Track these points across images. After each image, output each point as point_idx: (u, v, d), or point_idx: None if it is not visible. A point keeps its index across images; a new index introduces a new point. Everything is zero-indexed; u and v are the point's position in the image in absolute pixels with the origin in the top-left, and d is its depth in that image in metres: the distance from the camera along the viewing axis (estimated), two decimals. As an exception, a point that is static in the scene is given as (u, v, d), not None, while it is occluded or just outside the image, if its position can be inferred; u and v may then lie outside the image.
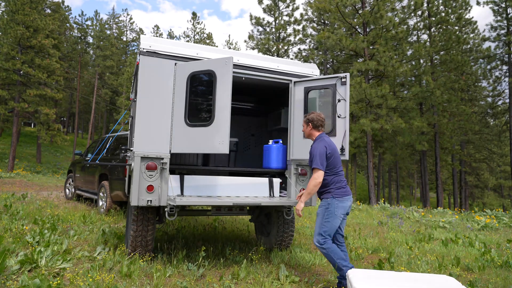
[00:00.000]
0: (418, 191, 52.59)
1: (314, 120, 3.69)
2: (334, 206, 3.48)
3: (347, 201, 3.54)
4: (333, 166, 3.54)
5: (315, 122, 3.69)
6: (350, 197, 3.57)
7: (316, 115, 3.71)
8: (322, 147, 3.51)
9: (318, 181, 3.47)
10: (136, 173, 3.79)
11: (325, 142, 3.57)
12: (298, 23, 26.73)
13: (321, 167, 3.45)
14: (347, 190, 3.58)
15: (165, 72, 3.95)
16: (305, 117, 3.78)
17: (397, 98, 19.98)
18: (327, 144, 3.56)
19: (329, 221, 3.47)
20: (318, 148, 3.51)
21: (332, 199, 3.49)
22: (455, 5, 23.53)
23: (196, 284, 3.59)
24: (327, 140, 3.61)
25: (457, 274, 4.37)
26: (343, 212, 3.52)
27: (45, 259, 3.77)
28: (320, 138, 3.66)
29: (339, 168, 3.60)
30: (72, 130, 51.66)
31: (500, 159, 31.26)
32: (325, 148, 3.50)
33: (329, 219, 3.47)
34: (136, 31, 49.50)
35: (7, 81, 24.57)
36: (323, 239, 3.46)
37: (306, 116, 3.78)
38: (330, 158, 3.52)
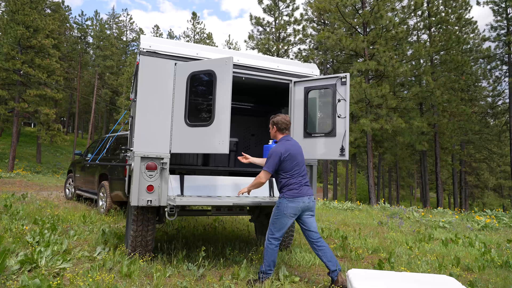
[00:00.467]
0: (418, 191, 52.60)
1: (279, 123, 3.79)
2: (284, 205, 3.59)
3: (299, 202, 3.59)
4: (288, 169, 3.62)
5: (280, 125, 3.79)
6: (303, 198, 3.61)
7: (281, 118, 3.80)
8: (279, 151, 3.60)
9: (260, 181, 3.65)
10: (136, 173, 3.79)
11: (284, 146, 3.64)
12: (298, 23, 26.73)
13: (270, 170, 3.58)
14: (301, 191, 3.63)
15: (165, 72, 3.95)
16: (271, 118, 3.85)
17: (397, 98, 19.98)
18: (286, 148, 3.63)
19: (278, 219, 3.62)
20: (275, 151, 3.61)
21: (283, 199, 3.62)
22: (455, 5, 23.54)
23: (196, 284, 3.59)
24: (286, 144, 3.68)
25: (457, 274, 4.37)
26: (294, 212, 3.59)
27: (45, 259, 3.77)
28: (281, 141, 3.74)
29: (296, 171, 3.65)
30: (72, 130, 51.66)
31: (500, 159, 31.27)
32: (281, 153, 3.58)
33: (278, 217, 3.62)
34: (136, 31, 49.51)
35: (7, 81, 24.58)
36: (271, 235, 3.63)
37: (272, 118, 3.85)
38: (284, 161, 3.60)
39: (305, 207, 3.64)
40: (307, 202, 3.64)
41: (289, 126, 3.85)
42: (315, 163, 4.63)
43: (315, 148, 4.31)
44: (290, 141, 3.74)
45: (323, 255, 3.61)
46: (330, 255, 3.60)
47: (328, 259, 3.58)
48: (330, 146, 4.22)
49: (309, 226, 3.70)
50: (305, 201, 3.62)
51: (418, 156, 30.45)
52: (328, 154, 4.25)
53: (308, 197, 3.66)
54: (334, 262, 3.58)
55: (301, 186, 3.64)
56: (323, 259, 3.62)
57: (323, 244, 3.67)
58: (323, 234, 6.53)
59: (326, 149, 4.25)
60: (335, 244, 5.82)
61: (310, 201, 3.69)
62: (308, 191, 3.69)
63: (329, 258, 3.59)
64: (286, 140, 3.74)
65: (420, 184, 33.60)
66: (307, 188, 3.70)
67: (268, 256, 3.60)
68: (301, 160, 3.72)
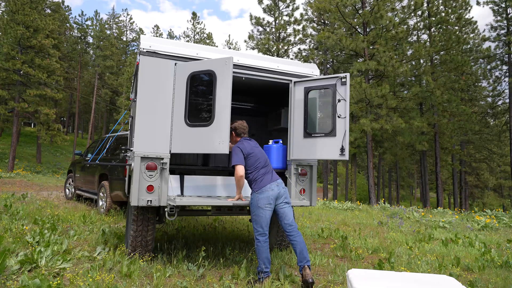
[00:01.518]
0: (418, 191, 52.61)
1: (237, 129, 4.03)
2: (255, 199, 3.72)
3: (268, 191, 3.71)
4: (251, 165, 3.83)
5: (238, 130, 4.03)
6: (271, 185, 3.73)
7: (239, 124, 4.04)
8: (238, 146, 3.87)
9: (238, 175, 3.79)
10: (136, 173, 3.79)
11: (243, 143, 3.91)
12: (298, 23, 26.73)
13: (238, 162, 3.77)
14: (265, 180, 3.76)
15: (165, 72, 3.95)
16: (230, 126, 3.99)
17: (397, 98, 19.98)
18: (244, 145, 3.90)
19: (255, 214, 3.70)
20: (234, 147, 3.90)
21: (253, 193, 3.76)
22: (455, 5, 23.54)
23: (196, 284, 3.59)
24: (245, 142, 3.95)
25: (457, 274, 4.37)
26: (267, 202, 3.68)
27: (45, 259, 3.77)
28: (240, 141, 4.00)
29: (258, 165, 3.85)
30: (72, 130, 51.67)
31: (500, 159, 31.28)
32: (241, 148, 3.84)
33: (255, 211, 3.71)
34: (136, 31, 49.52)
35: (7, 81, 24.58)
36: (256, 232, 3.70)
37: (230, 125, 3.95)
38: (247, 158, 3.83)
39: (276, 195, 3.74)
40: (276, 190, 3.74)
41: (247, 131, 4.11)
42: (315, 163, 4.63)
43: (315, 148, 4.31)
44: (248, 141, 4.01)
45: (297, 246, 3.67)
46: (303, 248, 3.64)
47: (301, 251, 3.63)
48: (330, 146, 4.22)
49: (283, 217, 3.75)
50: (273, 189, 3.73)
51: (418, 156, 30.45)
52: (328, 154, 4.25)
53: (275, 184, 3.77)
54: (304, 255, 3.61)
55: (264, 175, 3.80)
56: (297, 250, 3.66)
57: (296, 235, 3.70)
58: (323, 234, 6.53)
59: (326, 149, 4.25)
60: (335, 244, 5.82)
61: (280, 187, 3.78)
62: (272, 178, 3.82)
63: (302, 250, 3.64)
64: (244, 139, 4.00)
65: (420, 184, 33.60)
66: (271, 175, 3.84)
67: (260, 254, 3.65)
68: (261, 155, 3.93)
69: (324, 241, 6.15)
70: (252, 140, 4.05)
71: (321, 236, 6.46)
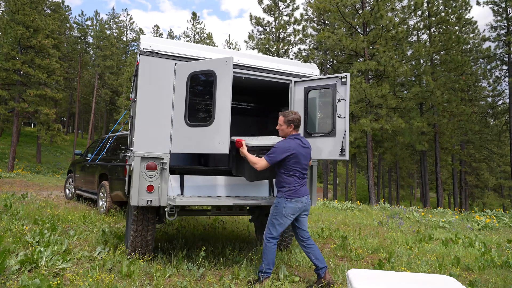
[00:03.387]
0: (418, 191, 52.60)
1: (295, 121, 3.75)
2: (283, 205, 3.59)
3: (298, 202, 3.62)
4: (290, 168, 3.61)
5: (296, 123, 3.76)
6: (302, 199, 3.65)
7: (297, 116, 3.77)
8: (286, 147, 3.61)
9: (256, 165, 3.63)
10: (136, 173, 3.79)
11: (292, 143, 3.65)
12: (298, 23, 26.72)
13: (269, 160, 3.58)
14: (300, 191, 3.65)
15: (165, 72, 3.95)
16: (286, 117, 3.75)
17: (397, 98, 19.98)
18: (293, 145, 3.63)
19: (276, 219, 3.62)
20: (282, 146, 3.62)
21: (282, 199, 3.62)
22: (455, 5, 23.53)
23: (196, 284, 3.59)
24: (295, 142, 3.68)
25: (457, 274, 4.37)
26: (292, 212, 3.62)
27: (45, 259, 3.77)
28: (291, 137, 3.73)
29: (298, 171, 3.64)
30: (72, 130, 51.66)
31: (500, 159, 31.27)
32: (287, 149, 3.59)
33: (277, 216, 3.62)
34: (136, 31, 49.52)
35: (7, 81, 24.57)
36: (269, 234, 3.63)
37: (287, 116, 3.75)
38: (288, 159, 3.59)
39: (302, 208, 3.68)
40: (304, 203, 3.68)
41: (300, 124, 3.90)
42: (315, 163, 4.63)
43: (315, 148, 4.31)
44: (300, 140, 3.73)
45: (312, 253, 3.70)
46: (318, 253, 3.71)
47: (316, 257, 3.68)
48: (330, 146, 4.22)
49: (302, 225, 3.76)
50: (303, 202, 3.66)
51: (418, 156, 30.44)
52: (328, 154, 4.25)
53: (306, 197, 3.70)
54: (321, 260, 3.69)
55: (301, 186, 3.66)
56: (311, 256, 3.70)
57: (312, 243, 3.75)
58: (323, 234, 6.53)
59: (326, 149, 4.25)
60: (335, 244, 5.82)
61: (307, 201, 3.74)
62: (306, 191, 3.73)
63: (317, 256, 3.69)
64: (295, 138, 3.72)
65: (420, 184, 33.60)
66: (305, 188, 3.74)
67: (267, 255, 3.62)
68: (305, 161, 3.71)
69: (324, 241, 6.15)
70: (302, 138, 3.79)
71: (321, 236, 6.46)
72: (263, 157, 3.62)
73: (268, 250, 3.62)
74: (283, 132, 3.81)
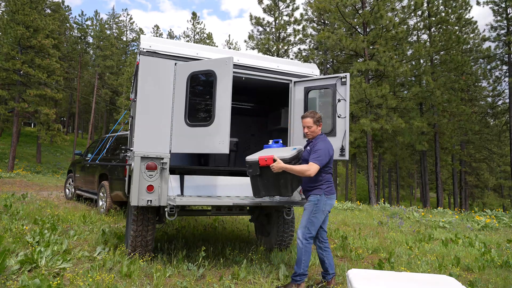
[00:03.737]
0: (418, 191, 52.59)
1: (320, 119, 3.70)
2: (323, 202, 3.55)
3: (333, 198, 3.64)
4: (328, 165, 3.61)
5: (321, 121, 3.73)
6: (335, 196, 3.70)
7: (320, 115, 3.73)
8: (328, 148, 3.57)
9: (308, 172, 3.43)
10: (136, 173, 3.79)
11: (329, 144, 3.63)
12: (298, 23, 26.72)
13: (320, 163, 3.47)
14: (334, 187, 3.70)
15: (165, 72, 3.95)
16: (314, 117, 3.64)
17: (397, 98, 19.98)
18: (331, 145, 3.64)
19: (316, 217, 3.54)
20: (326, 147, 3.54)
21: (322, 195, 3.55)
22: (455, 5, 23.53)
23: (196, 284, 3.59)
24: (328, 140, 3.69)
25: (457, 274, 4.37)
26: (329, 209, 3.62)
27: (45, 259, 3.77)
28: (325, 138, 3.68)
29: (331, 168, 3.68)
30: (72, 130, 51.65)
31: (500, 159, 31.25)
32: (329, 150, 3.56)
33: (317, 214, 3.54)
34: (136, 31, 49.51)
35: (7, 81, 24.57)
36: (308, 233, 3.53)
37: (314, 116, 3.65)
38: (330, 159, 3.58)
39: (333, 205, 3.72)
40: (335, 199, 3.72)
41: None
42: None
43: (315, 148, 4.30)
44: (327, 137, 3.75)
45: (327, 257, 3.68)
46: (332, 259, 3.73)
47: (330, 262, 3.69)
48: (330, 146, 4.21)
49: (324, 224, 3.73)
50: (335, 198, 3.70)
51: (418, 156, 30.44)
52: (328, 154, 4.24)
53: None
54: (332, 266, 3.72)
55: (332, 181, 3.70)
56: (326, 260, 3.68)
57: (329, 247, 3.74)
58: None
59: (326, 149, 4.24)
60: (335, 244, 5.81)
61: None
62: None
63: (331, 261, 3.70)
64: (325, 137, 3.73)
65: (420, 184, 33.60)
66: None
67: (306, 256, 3.53)
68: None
69: (324, 241, 6.15)
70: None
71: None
72: (311, 163, 3.45)
73: (306, 251, 3.52)
74: (314, 133, 3.68)
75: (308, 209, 3.57)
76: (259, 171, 3.70)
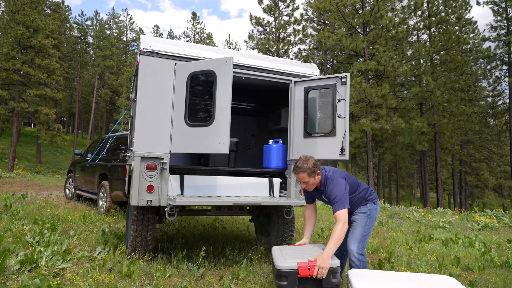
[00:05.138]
0: (418, 191, 52.59)
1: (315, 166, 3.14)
2: (374, 211, 3.29)
3: (379, 203, 3.41)
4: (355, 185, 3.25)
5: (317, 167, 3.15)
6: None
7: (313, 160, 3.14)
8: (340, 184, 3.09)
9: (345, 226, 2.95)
10: (136, 173, 3.79)
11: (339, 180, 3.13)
12: (298, 23, 26.72)
13: (346, 206, 3.03)
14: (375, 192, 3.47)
15: (165, 72, 3.95)
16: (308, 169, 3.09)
17: (397, 98, 19.97)
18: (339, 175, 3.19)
19: (370, 228, 3.25)
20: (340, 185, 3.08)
21: (372, 204, 3.28)
22: (455, 5, 23.53)
23: (196, 284, 3.59)
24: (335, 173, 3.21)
25: (457, 274, 4.37)
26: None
27: (45, 259, 3.77)
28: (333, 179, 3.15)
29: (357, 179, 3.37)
30: (72, 130, 51.65)
31: (500, 159, 31.25)
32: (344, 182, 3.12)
33: (371, 225, 3.26)
34: (136, 31, 49.51)
35: (7, 81, 24.56)
36: (363, 248, 3.17)
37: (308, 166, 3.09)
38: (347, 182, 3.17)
39: None
40: None
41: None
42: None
43: (315, 148, 4.31)
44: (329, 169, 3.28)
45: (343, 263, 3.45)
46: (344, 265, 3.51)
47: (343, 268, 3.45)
48: (330, 146, 4.22)
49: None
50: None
51: (418, 156, 30.44)
52: (328, 154, 4.25)
53: None
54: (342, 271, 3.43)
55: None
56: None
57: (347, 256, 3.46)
58: (323, 234, 6.52)
59: (326, 149, 4.25)
60: (335, 244, 5.81)
61: None
62: None
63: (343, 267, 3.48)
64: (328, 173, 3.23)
65: (420, 184, 33.60)
66: None
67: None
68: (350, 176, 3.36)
69: (324, 241, 6.15)
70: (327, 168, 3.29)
71: (321, 236, 6.46)
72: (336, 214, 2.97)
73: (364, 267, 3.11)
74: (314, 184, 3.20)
75: (361, 221, 3.20)
76: (297, 284, 2.76)
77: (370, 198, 3.32)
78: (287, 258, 2.86)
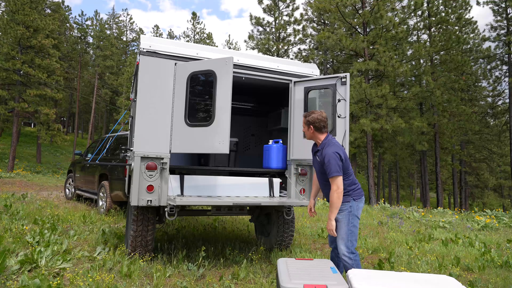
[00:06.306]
0: (418, 191, 52.59)
1: (316, 122, 3.28)
2: (356, 207, 3.26)
3: (363, 201, 3.36)
4: (346, 168, 3.25)
5: (317, 124, 3.28)
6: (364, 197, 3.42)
7: (317, 116, 3.29)
8: (336, 152, 3.16)
9: (340, 190, 3.11)
10: (136, 173, 3.79)
11: (336, 146, 3.23)
12: (298, 23, 26.71)
13: (340, 172, 3.12)
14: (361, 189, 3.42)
15: (165, 72, 3.95)
16: (305, 118, 3.35)
17: (397, 98, 19.97)
18: (339, 147, 3.25)
19: (354, 225, 3.23)
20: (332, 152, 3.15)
21: (352, 201, 3.26)
22: (455, 5, 23.52)
23: (196, 284, 3.59)
24: (337, 144, 3.27)
25: (457, 274, 4.37)
26: (360, 212, 3.32)
27: (45, 259, 3.77)
28: (330, 143, 3.26)
29: (351, 170, 3.33)
30: (72, 130, 51.65)
31: (500, 159, 31.24)
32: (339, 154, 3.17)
33: (354, 222, 3.23)
34: (136, 31, 49.49)
35: (7, 81, 24.56)
36: (352, 246, 3.19)
37: (306, 117, 3.34)
38: (344, 161, 3.21)
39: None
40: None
41: (327, 123, 3.37)
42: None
43: (315, 148, 4.30)
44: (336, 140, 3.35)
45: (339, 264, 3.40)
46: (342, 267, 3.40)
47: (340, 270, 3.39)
48: (330, 146, 4.21)
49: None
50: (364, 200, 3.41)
51: (418, 156, 30.44)
52: (328, 154, 4.24)
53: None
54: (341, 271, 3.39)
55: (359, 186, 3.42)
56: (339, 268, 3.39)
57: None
58: (323, 234, 6.52)
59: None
60: (335, 244, 5.81)
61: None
62: None
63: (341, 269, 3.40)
64: (333, 139, 3.33)
65: (420, 184, 33.60)
66: None
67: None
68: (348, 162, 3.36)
69: (324, 241, 6.15)
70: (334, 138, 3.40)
71: (321, 236, 6.46)
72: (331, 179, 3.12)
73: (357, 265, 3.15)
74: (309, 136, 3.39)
75: (344, 220, 3.22)
76: None
77: (353, 194, 3.27)
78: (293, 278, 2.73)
